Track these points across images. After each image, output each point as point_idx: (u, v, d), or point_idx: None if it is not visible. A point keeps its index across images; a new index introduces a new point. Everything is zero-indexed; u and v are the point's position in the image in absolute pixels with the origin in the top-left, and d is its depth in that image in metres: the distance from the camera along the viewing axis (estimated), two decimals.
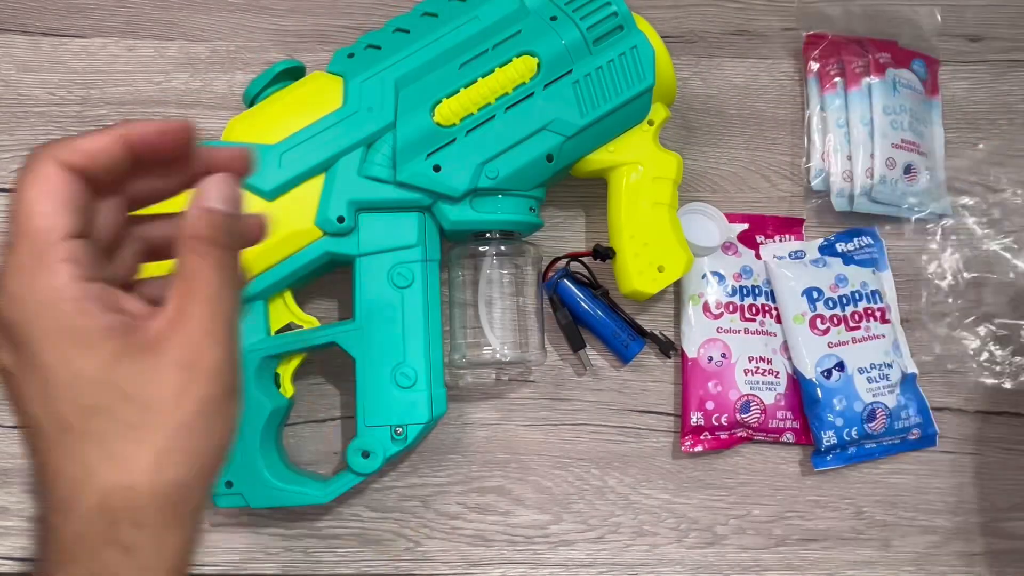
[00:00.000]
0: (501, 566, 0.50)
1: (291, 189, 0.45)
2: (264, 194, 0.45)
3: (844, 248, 0.54)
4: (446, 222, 0.47)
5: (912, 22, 0.58)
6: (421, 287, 0.46)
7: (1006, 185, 0.56)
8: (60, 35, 0.56)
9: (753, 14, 0.58)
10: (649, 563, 0.51)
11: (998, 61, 0.59)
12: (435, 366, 0.47)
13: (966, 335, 0.54)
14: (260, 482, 0.45)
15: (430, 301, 0.47)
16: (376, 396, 0.46)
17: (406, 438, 0.46)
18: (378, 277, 0.46)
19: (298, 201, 0.45)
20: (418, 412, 0.46)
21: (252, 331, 0.46)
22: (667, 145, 0.56)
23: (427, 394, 0.46)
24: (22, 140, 0.54)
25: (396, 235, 0.46)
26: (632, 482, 0.51)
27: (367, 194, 0.46)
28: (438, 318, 0.48)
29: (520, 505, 0.51)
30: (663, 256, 0.48)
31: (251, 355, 0.45)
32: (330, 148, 0.45)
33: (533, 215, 0.49)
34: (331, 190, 0.45)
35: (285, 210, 0.45)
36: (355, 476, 0.46)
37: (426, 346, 0.46)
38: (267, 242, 0.40)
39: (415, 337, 0.46)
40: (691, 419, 0.51)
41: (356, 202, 0.46)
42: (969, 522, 0.52)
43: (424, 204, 0.46)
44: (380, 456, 0.45)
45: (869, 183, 0.53)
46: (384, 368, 0.46)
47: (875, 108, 0.54)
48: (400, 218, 0.46)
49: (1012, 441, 0.53)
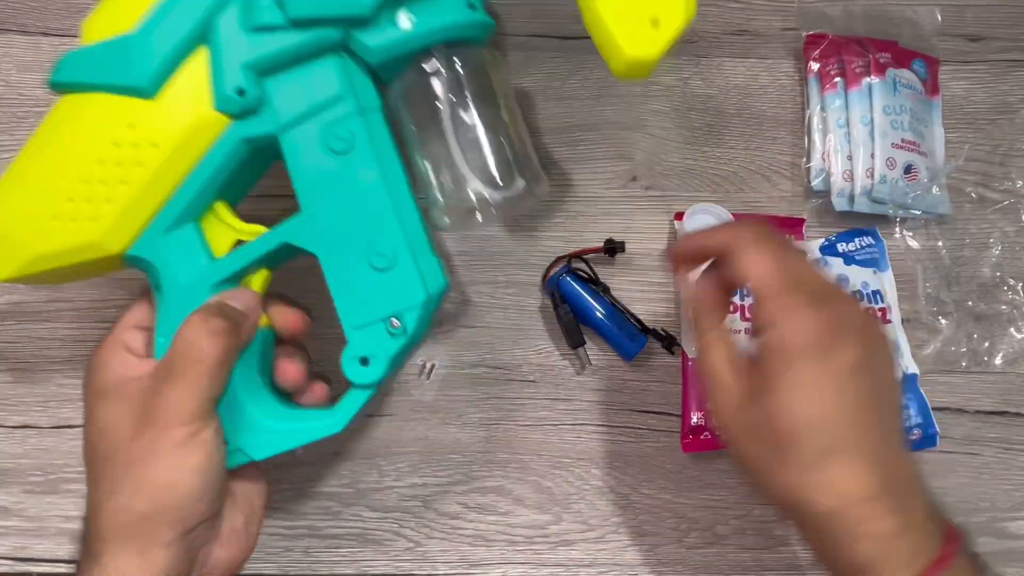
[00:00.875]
0: (501, 566, 0.50)
1: (172, 75, 0.37)
2: (142, 91, 0.37)
3: (845, 248, 0.54)
4: (369, 54, 0.38)
5: (912, 22, 0.58)
6: (367, 144, 0.38)
7: (1007, 185, 0.56)
8: (60, 35, 0.56)
9: (753, 14, 0.58)
10: (649, 563, 0.51)
11: (998, 61, 0.59)
12: (414, 234, 0.39)
13: (966, 335, 0.54)
14: (257, 429, 0.38)
15: (383, 158, 0.39)
16: (355, 290, 0.38)
17: (405, 329, 0.38)
18: (311, 149, 0.38)
19: (186, 88, 0.37)
20: (410, 293, 0.38)
21: (191, 259, 0.38)
22: (667, 144, 0.56)
23: (414, 268, 0.38)
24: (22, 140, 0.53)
25: (316, 91, 0.38)
26: (632, 482, 0.51)
27: (262, 50, 0.37)
28: (400, 176, 0.39)
29: (520, 505, 0.51)
30: (652, 2, 0.37)
31: (197, 287, 0.38)
32: (199, 8, 0.37)
33: (476, 13, 0.40)
34: (219, 60, 0.37)
35: (175, 103, 0.37)
36: (362, 390, 0.39)
37: (395, 213, 0.38)
38: (170, 148, 0.37)
39: (379, 206, 0.38)
40: (691, 419, 0.51)
41: (253, 64, 0.37)
42: (969, 522, 0.52)
43: (334, 40, 0.38)
44: (382, 358, 0.38)
45: (869, 183, 0.53)
46: (353, 255, 0.38)
47: (875, 108, 0.54)
48: (314, 68, 0.38)
49: (1012, 441, 0.53)
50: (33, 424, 0.50)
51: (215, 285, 0.38)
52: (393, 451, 0.51)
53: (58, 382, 0.51)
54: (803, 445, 0.33)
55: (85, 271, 0.40)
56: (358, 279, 0.38)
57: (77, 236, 0.37)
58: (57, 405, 0.50)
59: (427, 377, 0.52)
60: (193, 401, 0.34)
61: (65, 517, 0.49)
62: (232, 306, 0.37)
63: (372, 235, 0.38)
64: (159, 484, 0.34)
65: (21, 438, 0.50)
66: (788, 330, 0.33)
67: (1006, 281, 0.54)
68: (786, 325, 0.33)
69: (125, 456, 0.35)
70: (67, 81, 0.38)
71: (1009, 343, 0.54)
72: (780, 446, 0.33)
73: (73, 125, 0.38)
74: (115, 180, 0.37)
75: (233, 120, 0.38)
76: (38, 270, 0.38)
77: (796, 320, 0.33)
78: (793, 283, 0.34)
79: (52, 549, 0.49)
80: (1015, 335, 0.54)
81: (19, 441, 0.50)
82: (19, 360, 0.51)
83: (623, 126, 0.56)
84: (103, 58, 0.37)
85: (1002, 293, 0.54)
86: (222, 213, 0.40)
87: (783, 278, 0.34)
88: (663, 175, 0.55)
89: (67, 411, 0.50)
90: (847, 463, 0.33)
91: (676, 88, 0.57)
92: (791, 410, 0.33)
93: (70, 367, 0.51)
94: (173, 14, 0.37)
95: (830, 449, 0.33)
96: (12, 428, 0.50)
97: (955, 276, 0.55)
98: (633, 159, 0.55)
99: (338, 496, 0.50)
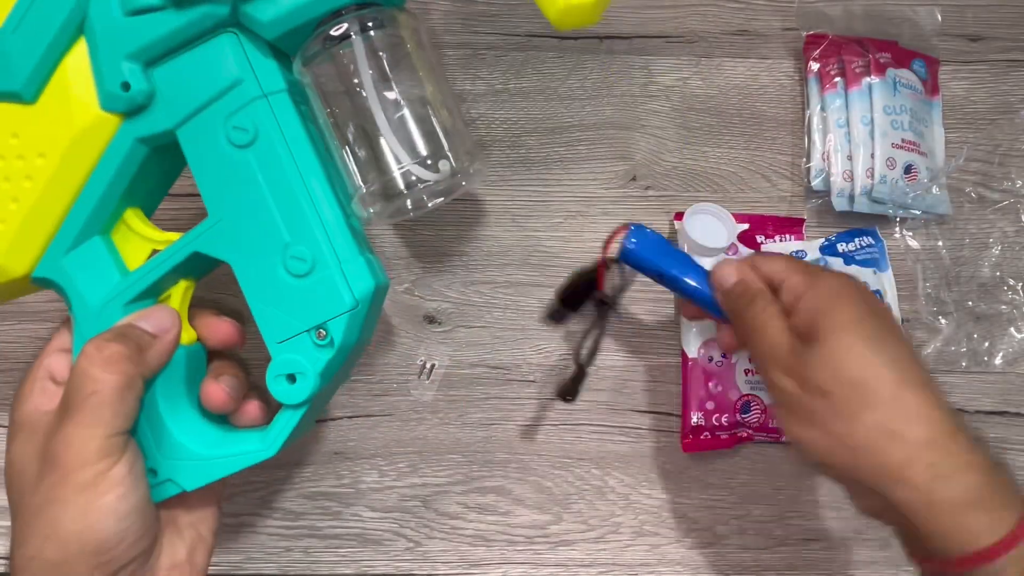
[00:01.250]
0: (501, 566, 0.50)
1: (50, 76, 0.33)
2: (19, 96, 0.33)
3: (845, 248, 0.54)
4: (264, 28, 0.33)
5: (912, 22, 0.58)
6: (274, 132, 0.33)
7: (1006, 185, 0.56)
8: None
9: (753, 14, 0.58)
10: (649, 563, 0.51)
11: (998, 61, 0.59)
12: (336, 231, 0.34)
13: (966, 335, 0.54)
14: (185, 457, 0.35)
15: (294, 147, 0.34)
16: (274, 300, 0.34)
17: (332, 340, 0.34)
18: (212, 144, 0.33)
19: (67, 88, 0.33)
20: (335, 299, 0.33)
21: (100, 277, 0.35)
22: (667, 144, 0.56)
23: (337, 271, 0.34)
24: None
25: (211, 76, 0.33)
26: (632, 482, 0.51)
27: (143, 35, 0.33)
28: (315, 166, 0.34)
29: (520, 505, 0.51)
30: None
31: (109, 308, 0.35)
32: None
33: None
34: (98, 53, 0.33)
35: (57, 107, 0.33)
36: (293, 410, 0.35)
37: (312, 209, 0.33)
38: (58, 156, 0.33)
39: (291, 203, 0.33)
40: (691, 419, 0.51)
41: (136, 53, 0.33)
42: None
43: (222, 16, 0.33)
44: (310, 373, 0.34)
45: (869, 183, 0.53)
46: (268, 261, 0.34)
47: (875, 108, 0.54)
48: (205, 50, 0.33)
49: (1012, 441, 0.53)
50: None
51: (128, 304, 0.35)
52: (393, 451, 0.51)
53: None
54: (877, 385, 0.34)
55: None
56: (276, 288, 0.34)
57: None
58: None
59: (427, 377, 0.52)
60: (94, 439, 0.31)
61: None
62: (138, 328, 0.34)
63: (287, 237, 0.34)
64: (69, 531, 0.30)
65: None
66: (823, 290, 0.36)
67: (1006, 281, 0.54)
68: (819, 288, 0.36)
69: (30, 502, 0.32)
70: None
71: (1009, 343, 0.54)
72: (853, 392, 0.34)
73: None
74: (5, 197, 0.34)
75: (124, 119, 0.34)
76: None
77: (827, 280, 0.37)
78: (810, 267, 0.39)
79: None
80: (1015, 335, 0.54)
81: None
82: (19, 360, 0.51)
83: (623, 126, 0.56)
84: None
85: (1002, 293, 0.54)
86: (133, 222, 0.36)
87: (800, 265, 0.39)
88: (663, 175, 0.55)
89: None
90: (924, 395, 0.34)
91: (676, 88, 0.57)
92: (851, 355, 0.34)
93: None
94: (38, 7, 0.33)
95: (904, 382, 0.34)
96: None
97: (955, 276, 0.55)
98: (633, 159, 0.55)
99: (338, 496, 0.50)
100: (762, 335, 0.37)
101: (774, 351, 0.36)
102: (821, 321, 0.35)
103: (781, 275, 0.38)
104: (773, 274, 0.39)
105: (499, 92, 0.55)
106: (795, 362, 0.35)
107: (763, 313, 0.38)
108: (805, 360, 0.35)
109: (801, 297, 0.37)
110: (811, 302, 0.36)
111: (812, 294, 0.36)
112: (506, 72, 0.56)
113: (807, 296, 0.37)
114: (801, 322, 0.36)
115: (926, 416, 0.33)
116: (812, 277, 0.37)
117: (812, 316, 0.36)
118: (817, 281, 0.37)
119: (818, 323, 0.35)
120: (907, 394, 0.33)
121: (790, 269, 0.38)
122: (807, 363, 0.35)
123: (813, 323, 0.35)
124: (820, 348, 0.35)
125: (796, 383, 0.35)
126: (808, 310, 0.36)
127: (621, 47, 0.57)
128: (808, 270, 0.38)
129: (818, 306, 0.36)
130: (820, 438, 0.34)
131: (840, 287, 0.37)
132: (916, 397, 0.34)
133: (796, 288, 0.37)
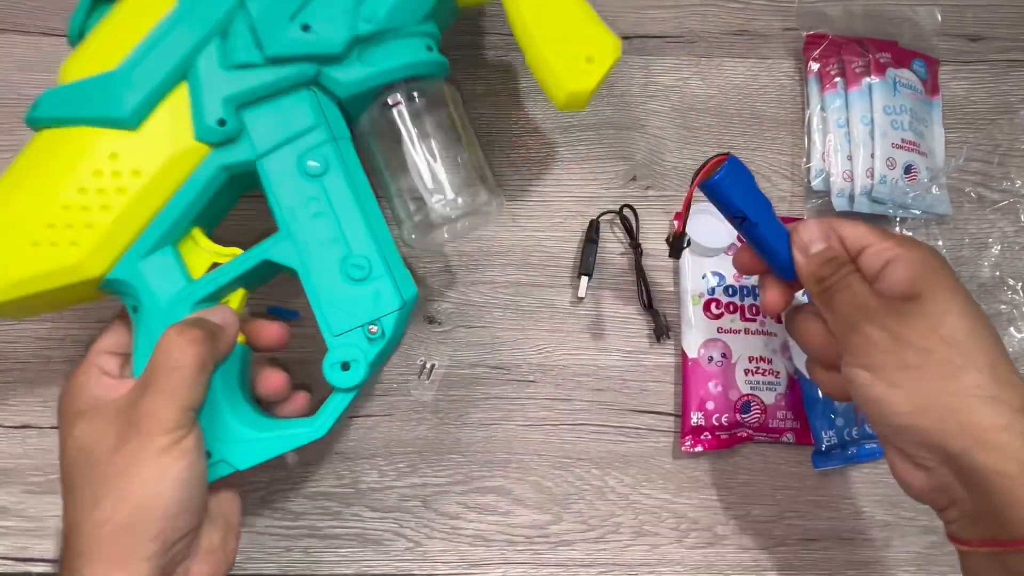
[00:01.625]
0: (501, 566, 0.50)
1: (154, 109, 0.40)
2: (124, 122, 0.39)
3: None
4: (340, 88, 0.42)
5: (912, 22, 0.58)
6: (340, 168, 0.41)
7: (1006, 185, 0.56)
8: (60, 35, 0.55)
9: (753, 14, 0.58)
10: (649, 563, 0.51)
11: (998, 61, 0.59)
12: (387, 247, 0.42)
13: None
14: (239, 439, 0.40)
15: (355, 179, 0.42)
16: (334, 300, 0.41)
17: (383, 333, 0.41)
18: (289, 174, 0.41)
19: (168, 120, 0.40)
20: (386, 300, 0.41)
21: (170, 281, 0.40)
22: (667, 144, 0.56)
23: (389, 278, 0.41)
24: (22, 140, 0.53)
25: (291, 121, 0.41)
26: (632, 482, 0.51)
27: (241, 85, 0.40)
28: (371, 196, 0.43)
29: (520, 505, 0.51)
30: (586, 45, 0.42)
31: (177, 308, 0.40)
32: (181, 49, 0.40)
33: (433, 53, 0.44)
34: (200, 94, 0.40)
35: (157, 134, 0.40)
36: (344, 393, 0.41)
37: (368, 228, 0.41)
38: (150, 176, 0.39)
39: (353, 222, 0.41)
40: (691, 419, 0.51)
41: (232, 98, 0.40)
42: None
43: (308, 76, 0.41)
44: (362, 361, 0.40)
45: (869, 183, 0.53)
46: (331, 267, 0.41)
47: (875, 108, 0.54)
48: (289, 101, 0.41)
49: None
50: (33, 424, 0.50)
51: (194, 305, 0.40)
52: (393, 451, 0.51)
53: (58, 382, 0.51)
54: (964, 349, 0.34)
55: (60, 300, 0.41)
56: (337, 290, 0.41)
57: (57, 260, 0.39)
58: (57, 405, 0.50)
59: (427, 377, 0.52)
60: (173, 409, 0.35)
61: None
62: (209, 319, 0.38)
63: (348, 249, 0.41)
64: (143, 493, 0.34)
65: (21, 438, 0.50)
66: (920, 254, 0.37)
67: (1006, 281, 0.55)
68: (915, 251, 0.37)
69: (107, 469, 0.35)
70: (47, 116, 0.40)
71: (1009, 343, 0.54)
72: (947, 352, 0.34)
73: (54, 155, 0.39)
74: (96, 207, 0.39)
75: (213, 149, 0.40)
76: (15, 296, 0.39)
77: (921, 246, 0.37)
78: (895, 234, 0.39)
79: (52, 549, 0.49)
80: (1015, 335, 0.54)
81: (19, 441, 0.50)
82: (19, 360, 0.51)
83: (623, 126, 0.56)
84: (87, 93, 0.39)
85: (1002, 293, 0.54)
86: (198, 238, 0.42)
87: (885, 231, 0.39)
88: (663, 175, 0.55)
89: None
90: (1013, 367, 0.34)
91: (676, 88, 0.57)
92: (950, 317, 0.34)
93: (70, 367, 0.51)
94: (156, 54, 0.39)
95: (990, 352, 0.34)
96: (12, 428, 0.50)
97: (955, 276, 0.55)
98: (633, 159, 0.55)
99: (338, 496, 0.50)
100: (852, 294, 0.37)
101: (867, 306, 0.36)
102: (921, 281, 0.35)
103: (865, 240, 0.38)
104: (855, 239, 0.38)
105: (499, 92, 0.55)
106: (892, 318, 0.35)
107: (851, 275, 0.38)
108: (903, 316, 0.35)
109: (892, 261, 0.37)
110: (907, 264, 0.36)
111: (909, 257, 0.36)
112: (506, 72, 0.56)
113: (903, 259, 0.36)
114: (895, 283, 0.36)
115: (1020, 387, 0.33)
116: (905, 241, 0.37)
117: (910, 276, 0.36)
118: (912, 246, 0.37)
119: (918, 283, 0.35)
120: (1003, 362, 0.34)
121: (875, 234, 0.38)
122: (906, 319, 0.35)
123: (911, 283, 0.35)
124: (922, 305, 0.35)
125: (891, 338, 0.35)
126: (905, 270, 0.36)
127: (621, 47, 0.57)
128: (896, 236, 0.38)
129: (916, 268, 0.36)
130: (909, 396, 0.34)
131: (935, 254, 0.37)
132: (1009, 367, 0.34)
133: (886, 252, 0.37)
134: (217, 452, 0.40)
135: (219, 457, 0.40)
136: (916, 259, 0.36)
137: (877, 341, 0.35)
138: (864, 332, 0.35)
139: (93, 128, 0.39)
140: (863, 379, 0.35)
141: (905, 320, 0.35)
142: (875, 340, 0.35)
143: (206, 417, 0.39)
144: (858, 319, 0.36)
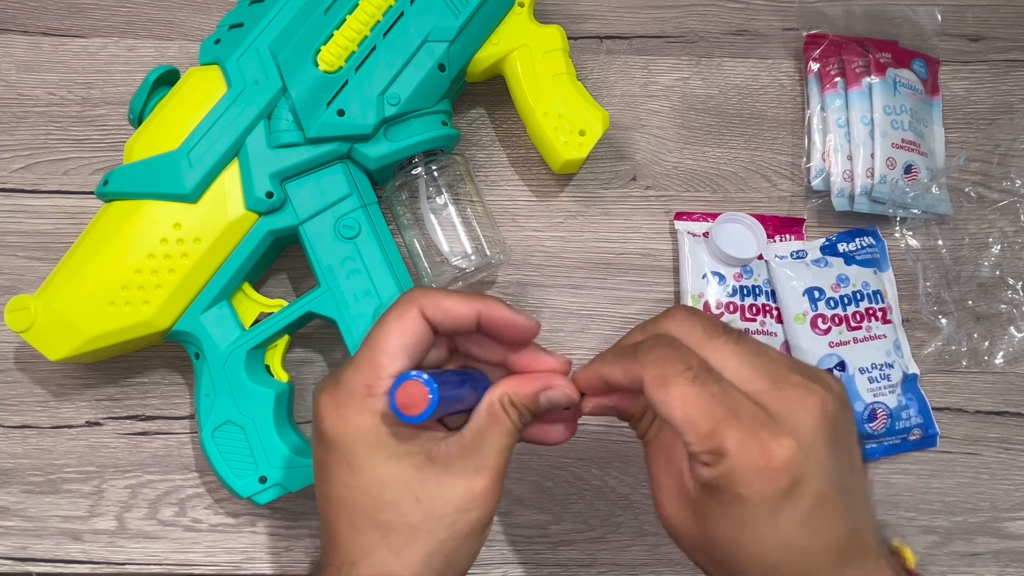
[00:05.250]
0: (501, 566, 0.50)
1: (210, 184, 0.46)
2: (186, 197, 0.45)
3: (846, 248, 0.54)
4: (369, 161, 0.48)
5: (912, 22, 0.58)
6: (370, 230, 0.47)
7: (1006, 185, 0.56)
8: (60, 35, 0.56)
9: (753, 14, 0.58)
10: (649, 563, 0.51)
11: (998, 61, 0.59)
12: None
13: (966, 334, 0.54)
14: (291, 465, 0.46)
15: (384, 240, 0.48)
16: None
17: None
18: (327, 236, 0.47)
19: (222, 193, 0.46)
20: None
21: (227, 331, 0.46)
22: (667, 144, 0.56)
23: None
24: (22, 140, 0.54)
25: (328, 192, 0.47)
26: (632, 482, 0.51)
27: (285, 162, 0.46)
28: (397, 253, 0.49)
29: (520, 505, 0.51)
30: (580, 121, 0.50)
31: (236, 353, 0.46)
32: (232, 132, 0.46)
33: (447, 128, 0.50)
34: (249, 171, 0.46)
35: (213, 206, 0.46)
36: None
37: (396, 282, 0.47)
38: (210, 242, 0.46)
39: (384, 277, 0.47)
40: None
41: (278, 173, 0.46)
42: (969, 522, 0.52)
43: (342, 152, 0.48)
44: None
45: (869, 183, 0.53)
46: (366, 316, 0.46)
47: (875, 108, 0.54)
48: (326, 174, 0.48)
49: (1012, 441, 0.53)
50: (33, 424, 0.50)
51: (250, 351, 0.46)
52: None
53: (58, 382, 0.51)
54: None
55: (128, 347, 0.47)
56: None
57: (130, 317, 0.45)
58: (57, 405, 0.50)
59: None
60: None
61: (65, 517, 0.49)
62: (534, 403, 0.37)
63: (380, 300, 0.47)
64: (454, 509, 0.34)
65: (21, 438, 0.50)
66: (736, 465, 0.30)
67: (1006, 280, 0.55)
68: (733, 459, 0.30)
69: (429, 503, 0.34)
70: (117, 191, 0.46)
71: (1009, 343, 0.54)
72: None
73: (125, 226, 0.45)
74: (164, 270, 0.45)
75: (261, 216, 0.47)
76: (91, 348, 0.45)
77: (741, 457, 0.29)
78: (726, 412, 0.30)
79: (52, 549, 0.49)
80: (1015, 334, 0.54)
81: (19, 441, 0.50)
82: (19, 360, 0.51)
83: (623, 126, 0.56)
84: (153, 171, 0.46)
85: (1002, 292, 0.54)
86: (248, 291, 0.48)
87: (713, 412, 0.30)
88: (663, 175, 0.55)
89: (67, 411, 0.50)
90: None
91: (676, 88, 0.57)
92: (747, 549, 0.32)
93: (70, 367, 0.51)
94: (211, 136, 0.46)
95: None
96: (12, 428, 0.50)
97: (955, 275, 0.55)
98: (633, 159, 0.55)
99: None
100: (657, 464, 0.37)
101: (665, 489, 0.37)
102: (735, 510, 0.31)
103: (673, 415, 0.31)
104: (664, 412, 0.32)
105: (499, 92, 0.55)
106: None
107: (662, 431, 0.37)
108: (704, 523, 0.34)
109: (717, 459, 0.31)
110: (725, 477, 0.31)
111: (736, 464, 0.31)
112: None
113: (723, 465, 0.31)
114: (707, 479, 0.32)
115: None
116: (732, 440, 0.31)
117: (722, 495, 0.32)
118: (737, 456, 0.31)
119: (730, 509, 0.32)
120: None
121: (690, 412, 0.31)
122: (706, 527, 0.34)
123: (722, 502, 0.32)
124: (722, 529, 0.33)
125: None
126: (720, 481, 0.31)
127: (621, 47, 0.57)
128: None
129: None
130: None
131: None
132: None
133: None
134: (272, 477, 0.45)
135: (274, 482, 0.45)
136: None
137: None
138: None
139: (158, 201, 0.45)
140: None
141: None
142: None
143: (265, 448, 0.45)
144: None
